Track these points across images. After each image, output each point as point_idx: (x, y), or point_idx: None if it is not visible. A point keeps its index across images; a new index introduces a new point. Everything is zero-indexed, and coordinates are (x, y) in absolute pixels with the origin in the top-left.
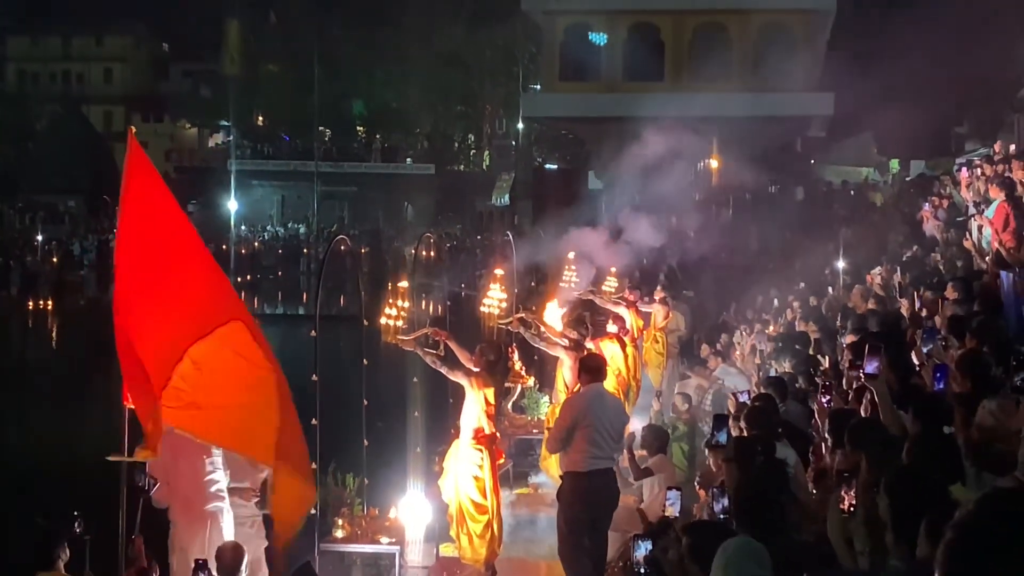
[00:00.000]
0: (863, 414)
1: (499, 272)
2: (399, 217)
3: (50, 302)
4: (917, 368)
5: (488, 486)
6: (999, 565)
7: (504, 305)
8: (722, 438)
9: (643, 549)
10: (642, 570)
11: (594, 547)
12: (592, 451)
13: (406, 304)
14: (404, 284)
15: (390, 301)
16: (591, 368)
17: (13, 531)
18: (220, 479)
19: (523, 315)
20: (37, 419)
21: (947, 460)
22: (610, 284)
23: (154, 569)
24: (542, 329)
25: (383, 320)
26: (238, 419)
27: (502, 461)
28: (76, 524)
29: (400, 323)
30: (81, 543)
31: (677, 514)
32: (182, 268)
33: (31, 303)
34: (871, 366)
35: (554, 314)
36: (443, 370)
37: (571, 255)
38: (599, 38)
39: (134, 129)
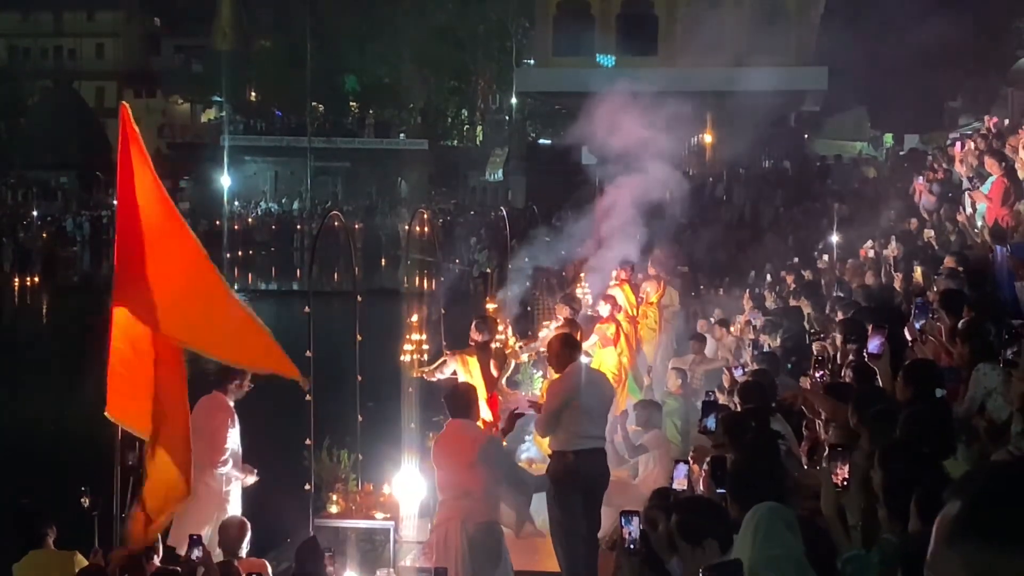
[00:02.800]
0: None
1: (414, 319)
2: (392, 192)
3: (37, 278)
4: (910, 343)
5: None
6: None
7: (425, 348)
8: (710, 423)
9: (633, 524)
10: (631, 546)
11: (587, 528)
12: (581, 430)
13: (423, 337)
14: (415, 318)
15: (407, 337)
16: (570, 345)
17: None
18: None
19: (518, 349)
20: (28, 397)
21: (940, 430)
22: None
23: (156, 551)
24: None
25: (403, 358)
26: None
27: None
28: (83, 499)
29: (420, 356)
30: (89, 518)
31: (685, 488)
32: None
33: (24, 279)
34: (874, 344)
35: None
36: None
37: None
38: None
39: (127, 105)
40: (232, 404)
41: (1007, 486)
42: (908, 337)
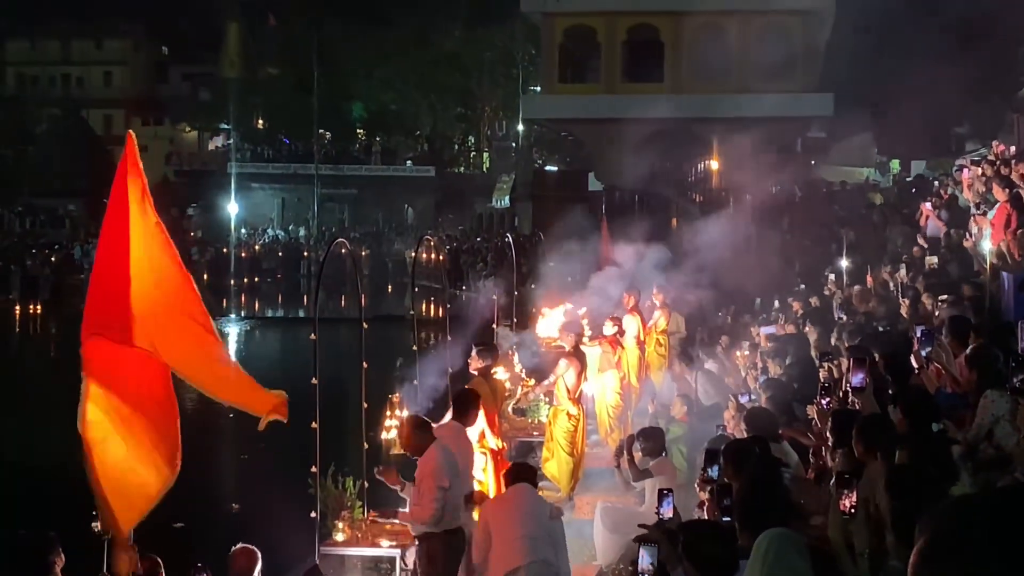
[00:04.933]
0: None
1: (395, 397)
2: (399, 219)
3: (40, 307)
4: (916, 371)
5: (491, 491)
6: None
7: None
8: (714, 473)
9: (648, 556)
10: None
11: None
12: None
13: (404, 414)
14: (397, 396)
15: (388, 414)
16: (422, 427)
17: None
18: None
19: (523, 396)
20: (35, 424)
21: (940, 459)
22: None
23: (159, 568)
24: (541, 385)
25: (384, 435)
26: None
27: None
28: (94, 524)
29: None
30: (100, 543)
31: (671, 515)
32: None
33: (32, 307)
34: (857, 379)
35: (550, 322)
36: None
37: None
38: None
39: (132, 134)
40: None
41: (968, 519)
42: (915, 364)
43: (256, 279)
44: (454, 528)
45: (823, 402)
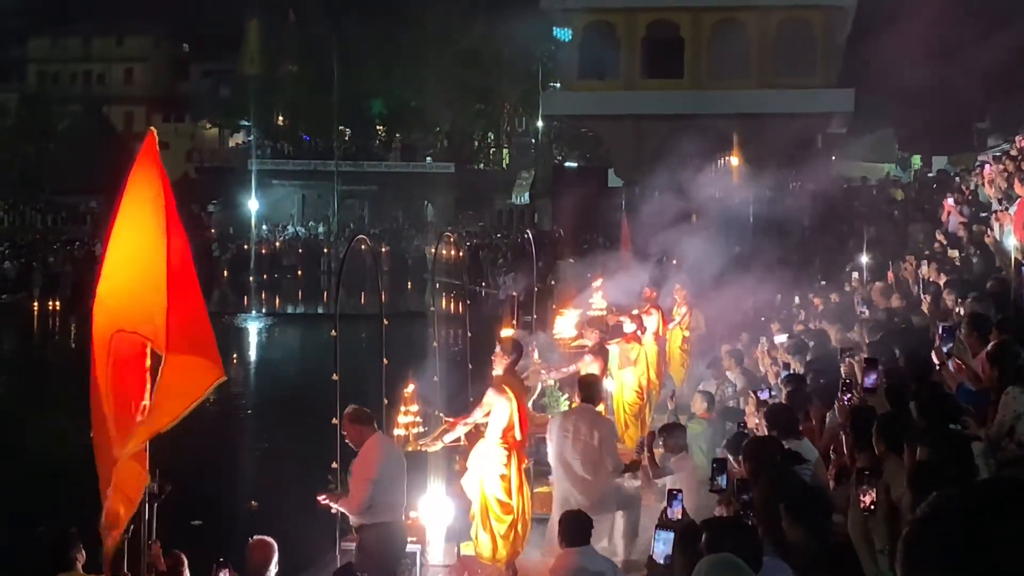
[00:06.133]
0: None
1: (410, 389)
2: (419, 216)
3: (60, 303)
4: (937, 367)
5: (514, 485)
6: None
7: (419, 421)
8: (723, 482)
9: (664, 542)
10: (662, 561)
11: None
12: (387, 503)
13: (415, 408)
14: (411, 388)
15: (402, 410)
16: (362, 419)
17: (31, 536)
18: None
19: (535, 369)
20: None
21: (961, 456)
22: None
23: (182, 573)
24: (559, 370)
25: (397, 431)
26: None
27: (526, 465)
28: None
29: (416, 429)
30: (121, 542)
31: (679, 516)
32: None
33: (53, 303)
34: (869, 380)
35: (568, 322)
36: (469, 426)
37: (597, 283)
38: (563, 33)
39: (154, 130)
40: None
41: (947, 514)
42: (936, 361)
43: (276, 276)
44: (387, 521)
45: (844, 398)
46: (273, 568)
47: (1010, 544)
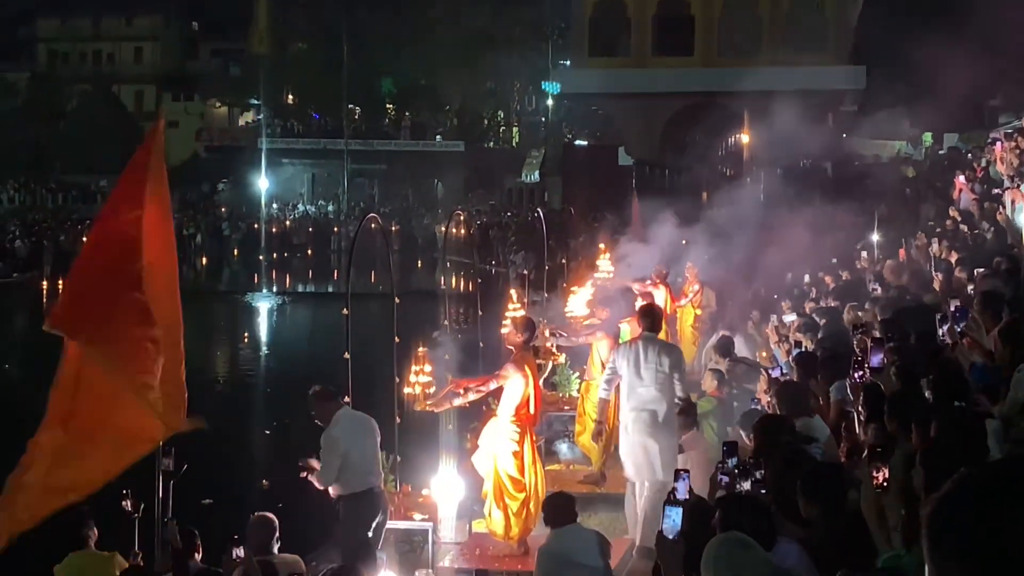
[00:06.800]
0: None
1: (421, 350)
2: (429, 195)
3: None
4: (951, 345)
5: (527, 462)
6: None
7: (430, 382)
8: (733, 464)
9: (674, 517)
10: (672, 536)
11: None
12: (360, 472)
13: (429, 368)
14: (423, 349)
15: (414, 369)
16: (326, 397)
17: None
18: None
19: (545, 328)
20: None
21: (973, 434)
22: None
23: (196, 549)
24: (568, 335)
25: (407, 390)
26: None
27: (539, 443)
28: (124, 502)
29: (431, 389)
30: (129, 522)
31: (686, 496)
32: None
33: (60, 283)
34: (875, 359)
35: (582, 298)
36: (482, 394)
37: (603, 245)
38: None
39: (165, 111)
40: None
41: (970, 492)
42: (948, 340)
43: (286, 255)
44: (362, 491)
45: (856, 376)
46: (276, 544)
47: None
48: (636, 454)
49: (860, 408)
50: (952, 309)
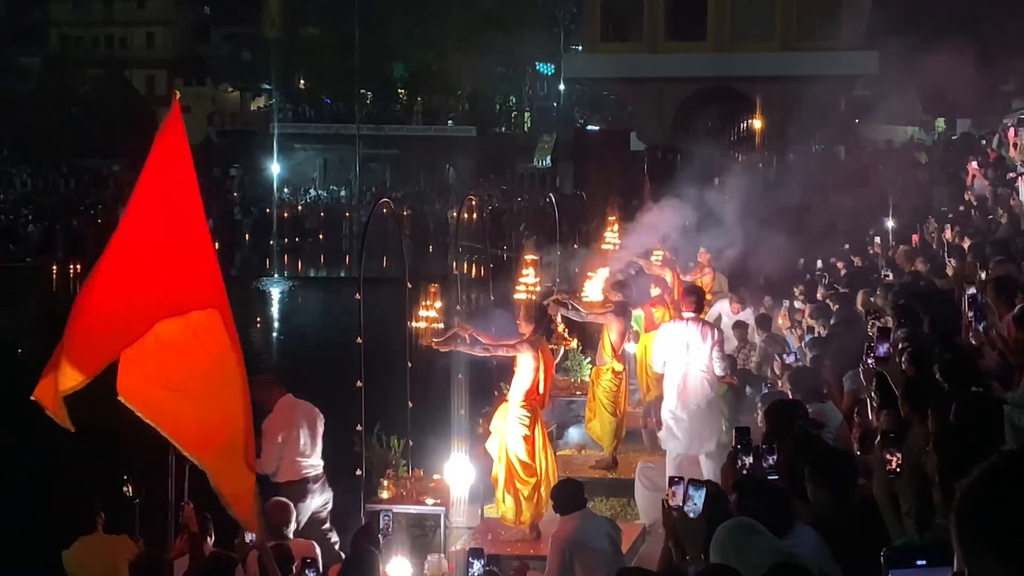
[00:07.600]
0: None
1: (433, 287)
2: (441, 180)
3: (82, 267)
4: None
5: (538, 447)
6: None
7: (437, 318)
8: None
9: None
10: (693, 515)
11: None
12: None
13: (438, 305)
14: (435, 285)
15: (424, 304)
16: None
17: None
18: None
19: (557, 296)
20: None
21: (987, 420)
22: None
23: (209, 533)
24: (579, 308)
25: (415, 324)
26: (181, 406)
27: (550, 428)
28: (125, 487)
29: (436, 325)
30: (131, 507)
31: (678, 504)
32: (178, 243)
33: (76, 266)
34: (882, 349)
35: (596, 285)
36: (487, 352)
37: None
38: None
39: (179, 94)
40: None
41: (995, 478)
42: (974, 342)
43: (298, 239)
44: (297, 479)
45: (869, 361)
46: (292, 527)
47: None
48: (691, 428)
49: (873, 394)
50: (967, 304)
